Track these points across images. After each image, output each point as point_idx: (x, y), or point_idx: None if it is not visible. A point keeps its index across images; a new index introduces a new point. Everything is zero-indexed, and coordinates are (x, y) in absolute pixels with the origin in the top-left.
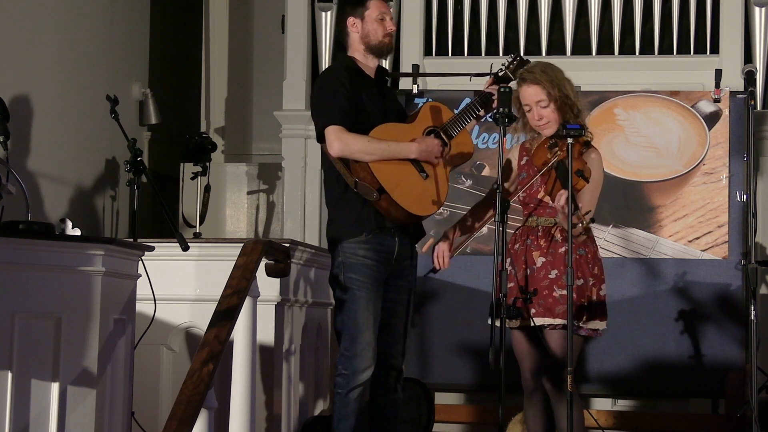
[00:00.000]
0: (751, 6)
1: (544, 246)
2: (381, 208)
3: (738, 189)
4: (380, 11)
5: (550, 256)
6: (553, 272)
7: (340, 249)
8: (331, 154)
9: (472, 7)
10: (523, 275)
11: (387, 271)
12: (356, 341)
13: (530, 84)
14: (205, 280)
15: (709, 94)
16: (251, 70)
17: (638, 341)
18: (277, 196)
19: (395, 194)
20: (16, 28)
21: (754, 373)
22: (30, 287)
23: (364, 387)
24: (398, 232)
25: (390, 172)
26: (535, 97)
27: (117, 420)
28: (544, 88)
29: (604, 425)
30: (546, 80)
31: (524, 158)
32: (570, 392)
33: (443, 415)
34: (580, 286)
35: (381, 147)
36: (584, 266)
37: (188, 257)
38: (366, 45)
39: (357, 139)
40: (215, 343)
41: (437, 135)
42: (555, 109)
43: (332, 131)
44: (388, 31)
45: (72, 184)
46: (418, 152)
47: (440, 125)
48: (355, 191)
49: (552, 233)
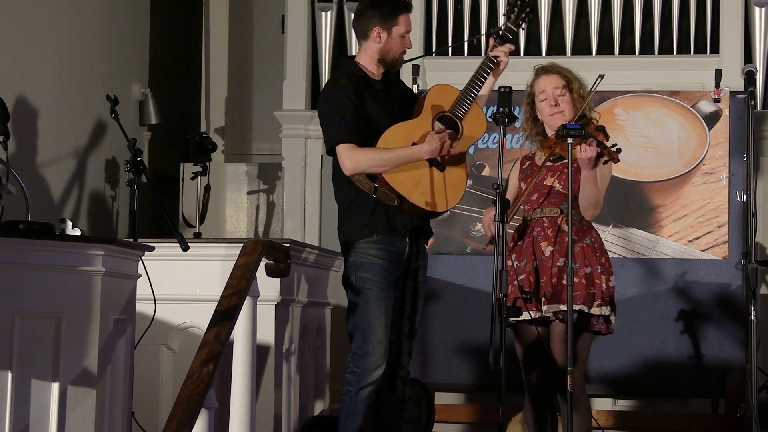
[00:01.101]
0: (751, 6)
1: (551, 236)
2: (405, 211)
3: (738, 189)
4: (406, 29)
5: (558, 245)
6: (560, 260)
7: (353, 249)
8: (344, 173)
9: (472, 7)
10: (533, 267)
11: (398, 271)
12: (368, 340)
13: (549, 73)
14: (205, 280)
15: (709, 94)
16: (251, 70)
17: (638, 341)
18: (277, 196)
19: (414, 197)
20: (16, 28)
21: (754, 373)
22: (30, 287)
23: (375, 386)
24: (409, 233)
25: (404, 177)
26: (553, 84)
27: (117, 420)
28: (563, 77)
29: (604, 425)
30: (566, 71)
31: (527, 163)
32: (570, 392)
33: (443, 415)
34: (588, 273)
35: (391, 157)
36: (591, 255)
37: (188, 257)
38: (382, 57)
39: (367, 154)
40: (215, 343)
41: (448, 120)
42: (571, 100)
43: (342, 150)
44: (405, 48)
45: (72, 184)
46: (429, 153)
47: (449, 109)
48: (373, 196)
49: (558, 223)
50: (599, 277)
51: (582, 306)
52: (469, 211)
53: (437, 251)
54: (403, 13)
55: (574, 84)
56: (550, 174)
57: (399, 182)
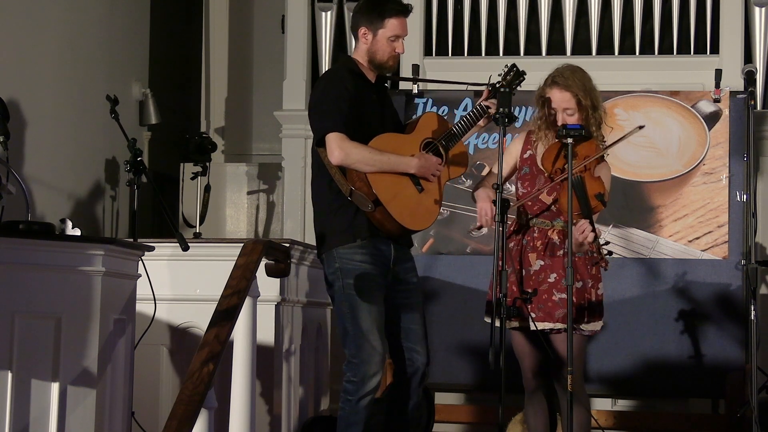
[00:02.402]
0: (751, 6)
1: (540, 248)
2: (374, 219)
3: (738, 189)
4: (395, 33)
5: (548, 259)
6: (552, 276)
7: (336, 255)
8: (330, 161)
9: (472, 7)
10: (518, 276)
11: (386, 277)
12: (362, 348)
13: (562, 89)
14: (205, 280)
15: (709, 94)
16: (251, 70)
17: (638, 341)
18: (277, 196)
19: (390, 207)
20: (16, 28)
21: (754, 373)
22: (30, 287)
23: (374, 393)
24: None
25: (387, 184)
26: (563, 103)
27: (117, 420)
28: (575, 95)
29: (604, 425)
30: (578, 87)
31: (528, 152)
32: (570, 392)
33: (443, 415)
34: (579, 288)
35: (381, 159)
36: (582, 268)
37: (188, 257)
38: (370, 59)
39: (358, 148)
40: (215, 343)
41: (434, 147)
42: (580, 119)
43: (334, 138)
44: (395, 53)
45: (72, 184)
46: (417, 168)
47: (438, 137)
48: (348, 198)
49: (549, 235)
50: (589, 291)
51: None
52: (469, 211)
53: (437, 251)
54: (392, 16)
55: (586, 101)
56: (548, 191)
57: (380, 187)
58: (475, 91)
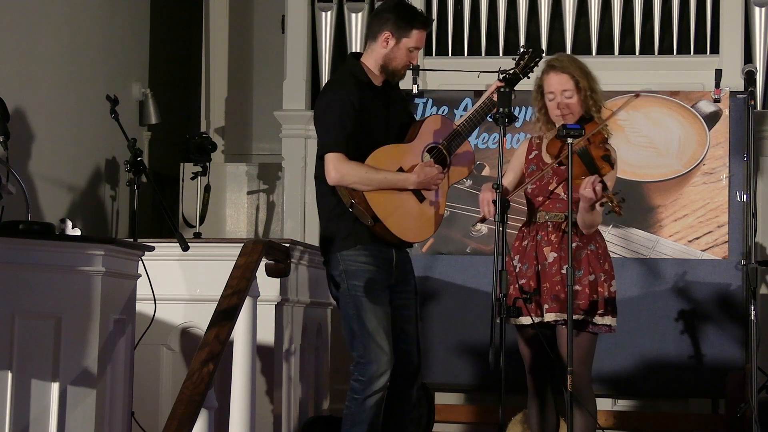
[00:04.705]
0: (751, 6)
1: (555, 241)
2: (375, 232)
3: (738, 189)
4: (416, 45)
5: (561, 251)
6: (565, 267)
7: (340, 258)
8: (327, 181)
9: (472, 7)
10: (534, 272)
11: (389, 278)
12: (369, 348)
13: (558, 72)
14: (205, 280)
15: (709, 94)
16: (251, 70)
17: (638, 341)
18: (277, 196)
19: (389, 223)
20: (17, 29)
21: (754, 373)
22: (30, 287)
23: (383, 392)
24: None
25: (385, 200)
26: (561, 85)
27: (117, 420)
28: (573, 77)
29: (604, 425)
30: (576, 69)
31: (533, 152)
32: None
33: (443, 415)
34: (591, 281)
35: (378, 178)
36: (595, 262)
37: (188, 257)
38: (384, 64)
39: (355, 169)
40: (215, 343)
41: (438, 153)
42: (579, 101)
43: (331, 159)
44: (410, 63)
45: (72, 184)
46: (416, 184)
47: (441, 142)
48: (349, 210)
49: (562, 228)
50: (602, 285)
51: (585, 316)
52: (469, 211)
53: (437, 251)
54: (419, 27)
55: (584, 83)
56: (556, 179)
57: (378, 204)
58: (475, 91)
